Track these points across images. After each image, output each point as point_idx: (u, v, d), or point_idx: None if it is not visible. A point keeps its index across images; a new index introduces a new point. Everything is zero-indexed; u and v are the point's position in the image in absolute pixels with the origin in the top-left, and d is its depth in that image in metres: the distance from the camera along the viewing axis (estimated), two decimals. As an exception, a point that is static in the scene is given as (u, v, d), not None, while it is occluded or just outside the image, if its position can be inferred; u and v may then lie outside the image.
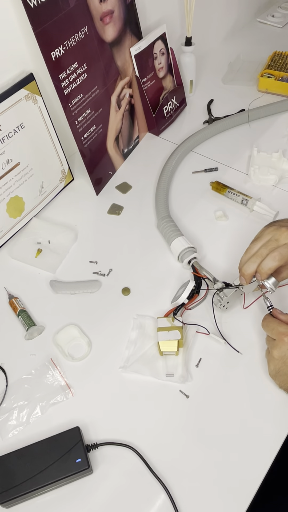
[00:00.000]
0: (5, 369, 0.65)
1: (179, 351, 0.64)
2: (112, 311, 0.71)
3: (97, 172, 0.87)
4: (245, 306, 0.69)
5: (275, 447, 0.57)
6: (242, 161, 0.92)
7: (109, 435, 0.58)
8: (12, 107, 0.71)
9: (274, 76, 1.06)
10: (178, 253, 0.73)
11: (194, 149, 0.96)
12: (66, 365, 0.65)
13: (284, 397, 0.60)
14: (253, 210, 0.82)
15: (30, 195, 0.81)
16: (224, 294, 0.65)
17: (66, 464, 0.53)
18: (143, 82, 0.91)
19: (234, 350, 0.65)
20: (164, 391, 0.62)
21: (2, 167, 0.74)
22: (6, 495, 0.52)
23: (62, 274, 0.76)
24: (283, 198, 0.85)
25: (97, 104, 0.82)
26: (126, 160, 0.95)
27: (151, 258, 0.77)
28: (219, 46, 1.26)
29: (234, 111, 1.02)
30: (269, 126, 1.00)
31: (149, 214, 0.84)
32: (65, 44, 0.71)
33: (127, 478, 0.55)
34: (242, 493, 0.54)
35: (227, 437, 0.58)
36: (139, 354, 0.65)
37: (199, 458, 0.56)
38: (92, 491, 0.55)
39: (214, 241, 0.78)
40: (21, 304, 0.71)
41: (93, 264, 0.77)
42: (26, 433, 0.59)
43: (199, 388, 0.62)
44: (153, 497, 0.54)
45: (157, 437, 0.58)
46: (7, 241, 0.80)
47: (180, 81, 1.02)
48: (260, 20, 1.35)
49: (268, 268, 0.60)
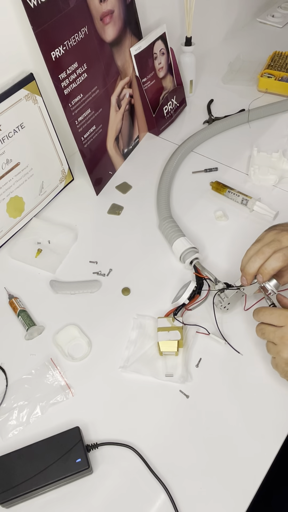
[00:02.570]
0: (5, 369, 0.65)
1: (179, 351, 0.64)
2: (112, 311, 0.71)
3: (97, 172, 0.87)
4: (246, 308, 0.68)
5: (275, 447, 0.57)
6: (242, 161, 0.92)
7: (109, 435, 0.58)
8: (12, 107, 0.71)
9: (274, 76, 1.06)
10: (180, 254, 0.73)
11: (194, 149, 0.96)
12: (66, 365, 0.65)
13: (284, 397, 0.60)
14: (253, 210, 0.82)
15: (30, 195, 0.81)
16: (225, 295, 0.65)
17: (66, 464, 0.53)
18: (143, 82, 0.91)
19: (234, 351, 0.65)
20: (164, 391, 0.62)
21: (2, 167, 0.74)
22: (6, 495, 0.52)
23: (62, 274, 0.76)
24: (283, 198, 0.85)
25: (97, 104, 0.82)
26: (126, 160, 0.95)
27: (151, 258, 0.77)
28: (219, 46, 1.26)
29: (234, 111, 1.02)
30: (269, 126, 1.00)
31: (149, 214, 0.84)
32: (65, 44, 0.71)
33: (127, 478, 0.55)
34: (242, 493, 0.54)
35: (227, 437, 0.58)
36: (139, 354, 0.65)
37: (199, 458, 0.56)
38: (92, 491, 0.55)
39: (214, 241, 0.78)
40: (21, 304, 0.71)
41: (93, 264, 0.77)
42: (26, 433, 0.59)
43: (199, 388, 0.62)
44: (153, 497, 0.54)
45: (157, 437, 0.58)
46: (7, 241, 0.80)
47: (180, 81, 1.02)
48: (260, 20, 1.35)
49: (271, 269, 0.59)
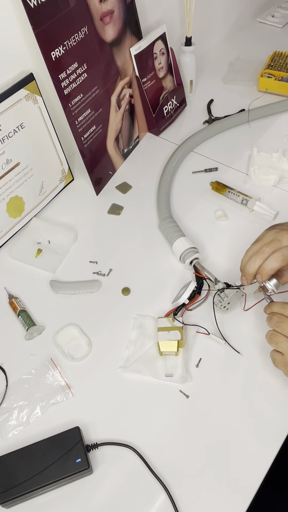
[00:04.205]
0: (5, 369, 0.65)
1: (179, 351, 0.64)
2: (112, 311, 0.71)
3: (97, 172, 0.87)
4: (245, 308, 0.68)
5: (275, 446, 0.57)
6: (242, 161, 0.92)
7: (109, 435, 0.58)
8: (12, 107, 0.71)
9: (274, 76, 1.06)
10: (180, 254, 0.73)
11: (194, 149, 0.96)
12: (66, 365, 0.65)
13: (284, 396, 0.60)
14: (253, 210, 0.82)
15: (30, 195, 0.81)
16: (225, 295, 0.65)
17: (66, 464, 0.53)
18: (143, 82, 0.91)
19: (234, 351, 0.65)
20: (164, 391, 0.62)
21: (2, 167, 0.74)
22: (6, 495, 0.52)
23: (62, 274, 0.76)
24: (283, 198, 0.85)
25: (97, 104, 0.82)
26: (126, 160, 0.95)
27: (151, 258, 0.77)
28: (219, 46, 1.26)
29: (234, 111, 1.02)
30: (269, 126, 1.00)
31: (149, 214, 0.84)
32: (65, 44, 0.71)
33: (127, 478, 0.55)
34: (242, 492, 0.54)
35: (227, 436, 0.58)
36: (139, 354, 0.65)
37: (199, 458, 0.56)
38: (92, 491, 0.55)
39: (214, 241, 0.78)
40: (21, 304, 0.71)
41: (93, 264, 0.77)
42: (26, 433, 0.59)
43: (199, 388, 0.62)
44: (153, 497, 0.54)
45: (157, 437, 0.58)
46: (7, 241, 0.80)
47: (180, 81, 1.02)
48: (260, 20, 1.35)
49: (270, 269, 0.59)
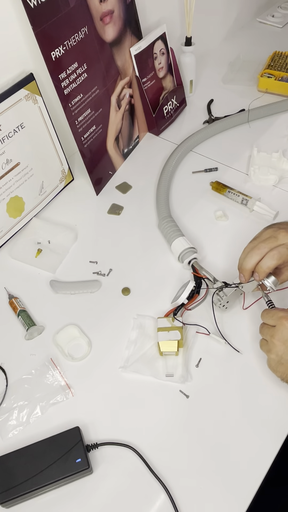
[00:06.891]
0: (5, 369, 0.65)
1: (179, 351, 0.64)
2: (112, 311, 0.71)
3: (97, 172, 0.87)
4: (244, 307, 0.68)
5: (275, 446, 0.57)
6: (242, 161, 0.92)
7: (109, 435, 0.58)
8: (12, 107, 0.71)
9: (274, 76, 1.06)
10: (179, 254, 0.73)
11: (194, 149, 0.96)
12: (66, 365, 0.65)
13: (284, 396, 0.60)
14: (253, 210, 0.82)
15: (30, 195, 0.81)
16: (224, 294, 0.65)
17: (66, 464, 0.53)
18: (143, 82, 0.91)
19: (234, 350, 0.65)
20: (164, 391, 0.62)
21: (2, 167, 0.74)
22: (6, 495, 0.52)
23: (62, 274, 0.76)
24: (283, 198, 0.85)
25: (97, 104, 0.82)
26: (126, 160, 0.95)
27: (151, 258, 0.77)
28: (219, 46, 1.26)
29: (234, 111, 1.02)
30: (269, 126, 1.00)
31: (149, 214, 0.84)
32: (65, 44, 0.71)
33: (127, 478, 0.55)
34: (242, 492, 0.54)
35: (227, 436, 0.58)
36: (139, 354, 0.65)
37: (199, 458, 0.57)
38: (92, 491, 0.55)
39: (214, 241, 0.78)
40: (21, 304, 0.71)
41: (93, 264, 0.77)
42: (26, 433, 0.59)
43: (199, 388, 0.62)
44: (153, 497, 0.54)
45: (157, 437, 0.58)
46: (7, 241, 0.80)
47: (180, 81, 1.02)
48: (260, 20, 1.35)
49: (266, 267, 0.60)
